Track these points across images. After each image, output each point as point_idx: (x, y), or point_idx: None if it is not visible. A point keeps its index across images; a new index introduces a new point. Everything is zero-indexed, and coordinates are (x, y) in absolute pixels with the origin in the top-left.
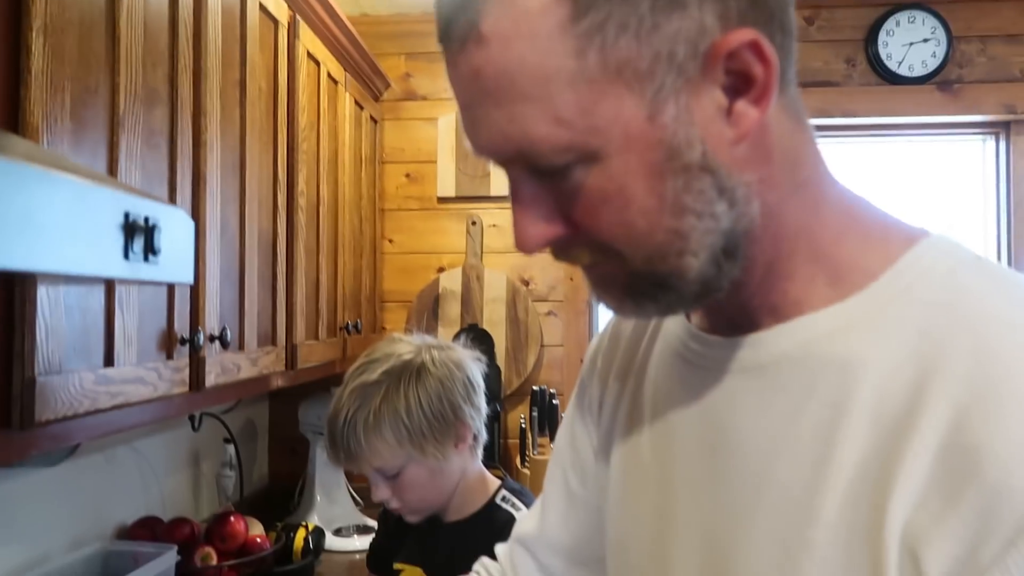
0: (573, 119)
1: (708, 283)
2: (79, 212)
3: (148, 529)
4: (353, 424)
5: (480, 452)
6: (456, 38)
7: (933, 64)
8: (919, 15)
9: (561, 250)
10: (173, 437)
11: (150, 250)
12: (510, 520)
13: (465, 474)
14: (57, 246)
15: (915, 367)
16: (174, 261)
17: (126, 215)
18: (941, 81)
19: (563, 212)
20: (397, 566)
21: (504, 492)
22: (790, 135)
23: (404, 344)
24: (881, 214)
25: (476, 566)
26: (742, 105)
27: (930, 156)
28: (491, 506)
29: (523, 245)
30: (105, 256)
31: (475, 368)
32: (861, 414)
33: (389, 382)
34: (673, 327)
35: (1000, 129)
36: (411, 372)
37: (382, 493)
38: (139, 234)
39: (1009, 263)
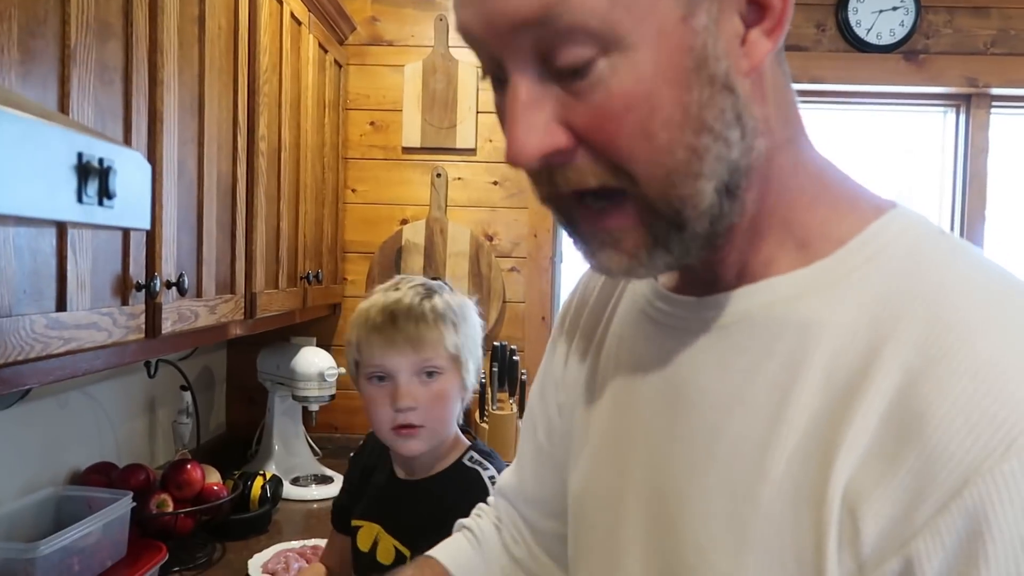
0: None
1: (715, 221)
2: (29, 151)
3: (102, 475)
4: (422, 311)
5: (461, 415)
6: None
7: (901, 33)
8: None
9: (558, 170)
10: (128, 383)
11: (105, 193)
12: (476, 479)
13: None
14: (5, 186)
15: (871, 332)
16: (130, 206)
17: (79, 155)
18: (907, 51)
19: (568, 121)
20: (355, 522)
21: (472, 453)
22: (784, 90)
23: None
24: (852, 183)
25: (475, 509)
26: (756, 34)
27: (893, 125)
28: (457, 465)
29: (519, 154)
30: (57, 198)
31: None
32: (815, 375)
33: (446, 291)
34: (640, 287)
35: (961, 102)
36: (459, 300)
37: (409, 395)
38: (93, 176)
39: (962, 233)
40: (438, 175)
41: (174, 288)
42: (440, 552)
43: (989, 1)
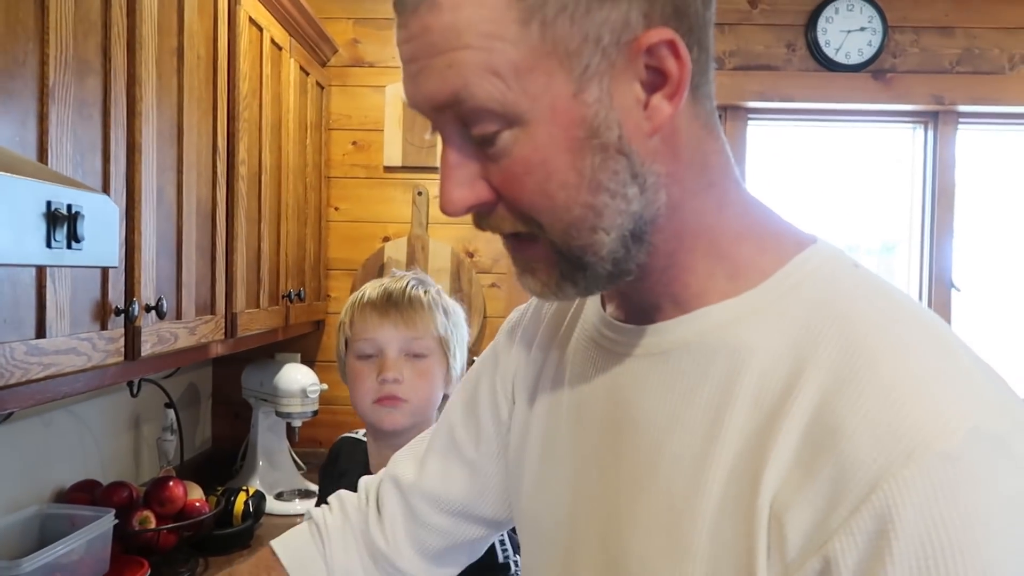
0: (508, 76)
1: (618, 263)
2: None
3: (86, 492)
4: (416, 296)
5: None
6: (409, 4)
7: (869, 52)
8: (857, 3)
9: (483, 217)
10: (112, 401)
11: (73, 238)
12: None
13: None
14: None
15: (793, 356)
16: (98, 246)
17: (48, 204)
18: (876, 69)
19: (488, 179)
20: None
21: None
22: (700, 141)
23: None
24: (777, 219)
25: (331, 498)
26: (657, 99)
27: (863, 142)
28: None
29: (447, 207)
30: (26, 245)
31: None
32: (746, 396)
33: (438, 286)
34: (590, 315)
35: (928, 119)
36: (450, 299)
37: (393, 369)
38: (62, 223)
39: (931, 245)
40: (419, 193)
41: (153, 311)
42: (279, 545)
43: (954, 21)
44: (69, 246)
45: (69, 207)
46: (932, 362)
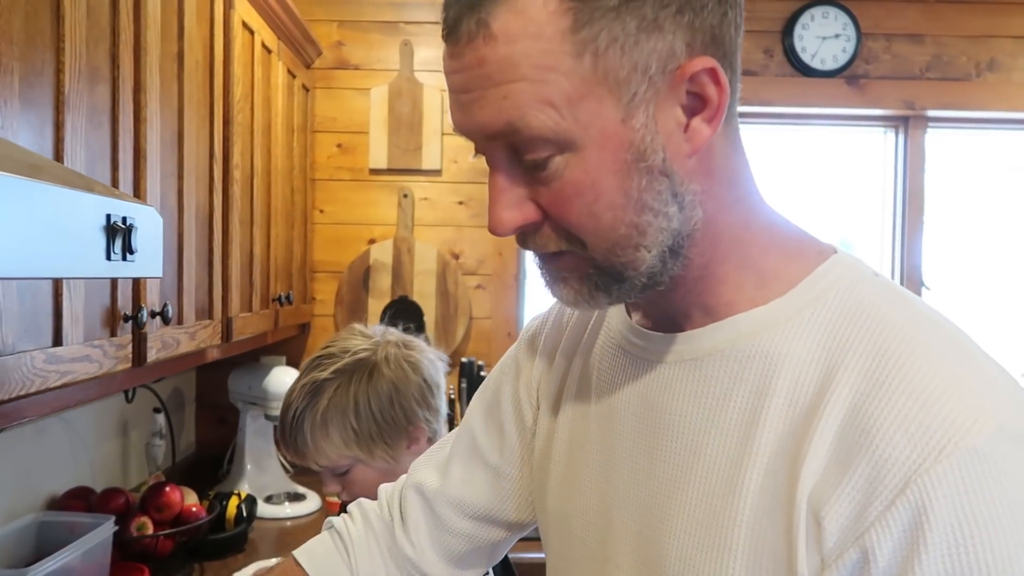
0: (561, 106)
1: (654, 276)
2: (65, 220)
3: (81, 499)
4: (301, 421)
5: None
6: (464, 34)
7: (843, 59)
8: (832, 11)
9: (529, 236)
10: (103, 407)
11: (128, 249)
12: None
13: None
14: (45, 254)
15: (824, 361)
16: (148, 257)
17: (108, 217)
18: (849, 75)
19: (536, 200)
20: None
21: None
22: (729, 158)
23: (361, 339)
24: (797, 229)
25: (351, 507)
26: (697, 122)
27: (838, 145)
28: None
29: (497, 227)
30: (89, 259)
31: (433, 368)
32: (780, 399)
33: (340, 381)
34: (615, 323)
35: (900, 123)
36: (364, 372)
37: (332, 487)
38: (119, 235)
39: (903, 245)
40: (405, 195)
41: (158, 317)
42: (303, 554)
43: (924, 29)
44: (124, 258)
45: (124, 219)
46: (956, 365)
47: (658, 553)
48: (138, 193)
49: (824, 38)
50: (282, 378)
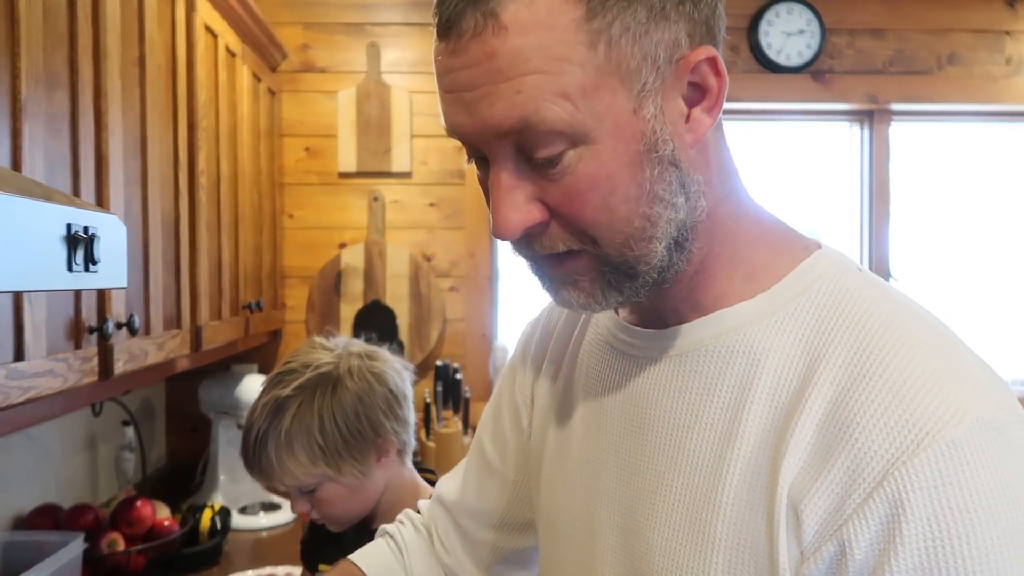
0: (576, 98)
1: (663, 271)
2: (23, 231)
3: (48, 517)
4: (264, 442)
5: (409, 460)
6: (469, 27)
7: (808, 54)
8: (796, 7)
9: (535, 238)
10: (70, 421)
11: (90, 260)
12: None
13: (392, 483)
14: (2, 267)
15: (807, 356)
16: (111, 267)
17: (68, 227)
18: (815, 71)
19: (542, 199)
20: (322, 567)
21: None
22: (720, 150)
23: (323, 352)
24: (783, 225)
25: (400, 515)
26: (698, 112)
27: (804, 139)
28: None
29: (504, 229)
30: (49, 271)
31: (399, 378)
32: (762, 394)
33: (302, 397)
34: (603, 321)
35: (864, 117)
36: (326, 386)
37: (300, 507)
38: (81, 245)
39: (871, 235)
40: (375, 199)
41: (125, 328)
42: (359, 557)
43: (886, 24)
44: (87, 269)
45: (86, 229)
46: (937, 359)
47: (642, 548)
48: (101, 201)
49: (789, 34)
50: (254, 386)
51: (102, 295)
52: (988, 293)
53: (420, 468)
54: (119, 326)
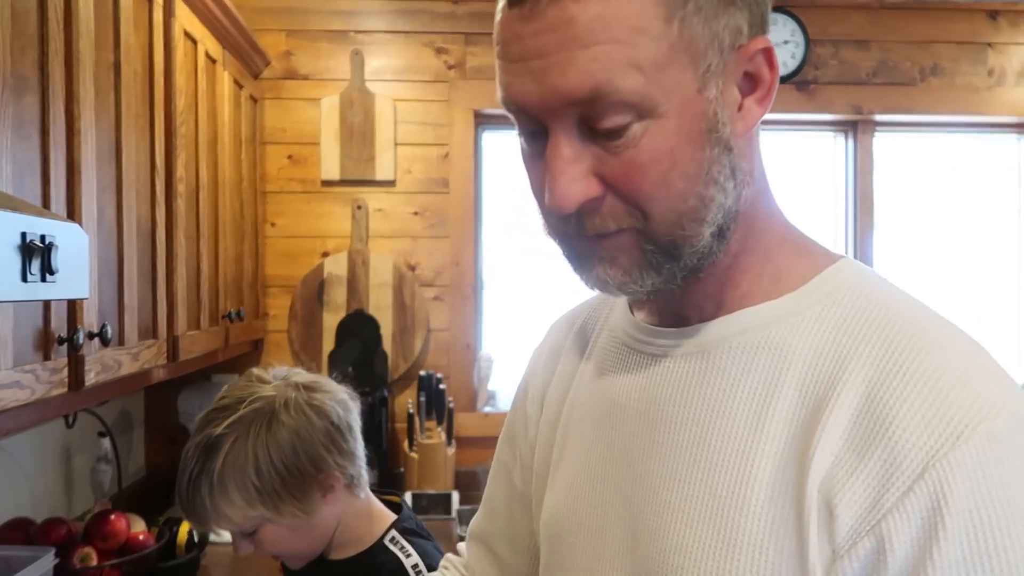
0: (649, 70)
1: (702, 258)
2: None
3: (20, 531)
4: (197, 485)
5: (363, 491)
6: None
7: (793, 65)
8: (780, 18)
9: (586, 215)
10: (42, 433)
11: (48, 270)
12: (394, 568)
13: (345, 517)
14: None
15: (835, 354)
16: (71, 278)
17: (23, 235)
18: (799, 81)
19: (599, 173)
20: None
21: (394, 532)
22: (758, 146)
23: (259, 386)
24: (803, 232)
25: (443, 561)
26: (749, 102)
27: (789, 149)
28: (377, 547)
29: (562, 200)
30: (3, 281)
31: (342, 408)
32: (791, 390)
33: (236, 434)
34: (620, 322)
35: (848, 128)
36: (261, 422)
37: (243, 549)
38: (36, 255)
39: (855, 244)
40: (359, 207)
41: (97, 338)
42: None
43: (870, 35)
44: (43, 279)
45: (43, 238)
46: (966, 358)
47: (655, 549)
48: (72, 208)
49: (774, 44)
50: None
51: (73, 305)
52: (971, 303)
53: (382, 492)
54: (91, 336)
